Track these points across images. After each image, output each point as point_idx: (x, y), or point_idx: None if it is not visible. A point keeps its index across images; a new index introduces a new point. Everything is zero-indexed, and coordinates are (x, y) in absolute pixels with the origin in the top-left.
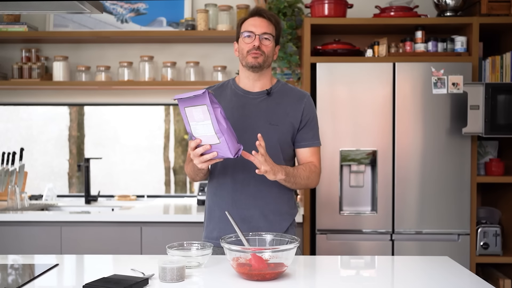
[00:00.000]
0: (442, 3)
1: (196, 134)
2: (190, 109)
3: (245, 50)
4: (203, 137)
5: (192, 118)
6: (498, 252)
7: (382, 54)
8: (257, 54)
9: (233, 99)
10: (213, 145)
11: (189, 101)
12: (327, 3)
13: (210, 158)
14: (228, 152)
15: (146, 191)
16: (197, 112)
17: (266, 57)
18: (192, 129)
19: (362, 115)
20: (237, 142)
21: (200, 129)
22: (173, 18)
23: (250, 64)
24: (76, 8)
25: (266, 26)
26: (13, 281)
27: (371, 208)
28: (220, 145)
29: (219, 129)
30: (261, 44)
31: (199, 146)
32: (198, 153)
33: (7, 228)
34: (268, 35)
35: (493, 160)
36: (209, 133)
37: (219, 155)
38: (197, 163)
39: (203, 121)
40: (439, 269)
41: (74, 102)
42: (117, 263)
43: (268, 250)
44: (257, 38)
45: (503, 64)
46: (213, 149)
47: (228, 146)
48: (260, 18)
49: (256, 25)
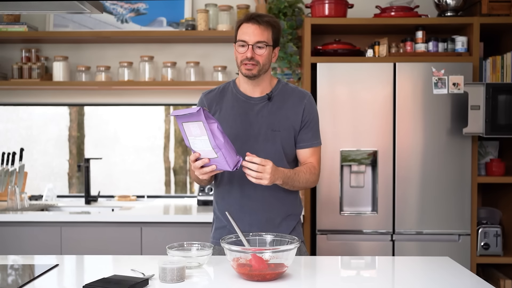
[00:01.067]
0: (442, 3)
1: (195, 148)
2: (187, 124)
3: (239, 59)
4: (201, 151)
5: (190, 133)
6: (499, 253)
7: (382, 54)
8: (251, 66)
9: (235, 104)
10: (211, 159)
11: (186, 117)
12: (328, 3)
13: (209, 171)
14: (226, 166)
15: (146, 192)
16: (194, 127)
17: (262, 66)
18: (191, 143)
19: (362, 115)
20: (236, 154)
21: (198, 143)
22: (173, 18)
23: (245, 74)
24: (76, 8)
25: (260, 34)
26: (13, 281)
27: (372, 209)
28: (218, 159)
29: (215, 144)
30: (254, 54)
31: (199, 159)
32: (197, 166)
33: (7, 229)
34: (261, 43)
35: (494, 160)
36: (206, 148)
37: (218, 167)
38: (198, 174)
39: (200, 136)
40: (439, 269)
41: (74, 102)
42: (117, 263)
43: (269, 251)
44: (250, 48)
45: (503, 64)
46: (212, 163)
47: (226, 160)
48: (254, 25)
49: (249, 33)
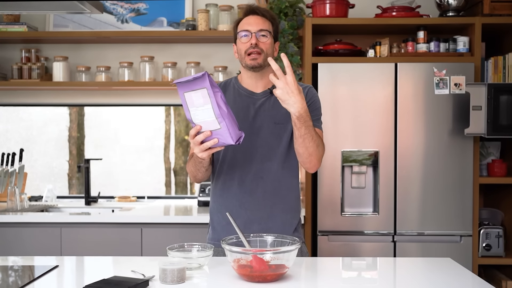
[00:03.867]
0: (444, 3)
1: (196, 121)
2: (189, 94)
3: (243, 50)
4: (203, 123)
5: (192, 104)
6: (501, 254)
7: (384, 54)
8: (256, 55)
9: (237, 99)
10: (213, 131)
11: (189, 85)
12: (329, 3)
13: (211, 145)
14: (229, 138)
15: (147, 192)
16: (196, 96)
17: (266, 55)
18: (192, 115)
19: (363, 115)
20: (239, 129)
21: (200, 114)
22: (174, 18)
23: (250, 65)
24: (76, 8)
25: (262, 23)
26: (12, 282)
27: (373, 209)
28: (221, 131)
29: (219, 113)
30: (258, 41)
31: (200, 133)
32: (198, 141)
33: (7, 229)
34: (264, 31)
35: (496, 161)
36: (209, 118)
37: (220, 141)
38: (198, 152)
39: (203, 105)
40: (441, 271)
41: (74, 103)
42: (117, 264)
43: (269, 252)
44: (253, 36)
45: (505, 65)
46: (213, 136)
47: (229, 131)
48: (254, 16)
49: (251, 23)
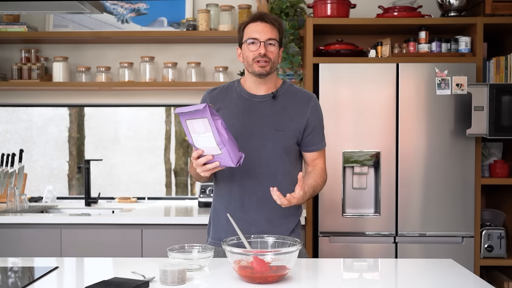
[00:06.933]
0: (446, 3)
1: (198, 145)
2: (191, 121)
3: (250, 58)
4: (205, 148)
5: (194, 130)
6: (503, 255)
7: (385, 54)
8: (264, 63)
9: (238, 102)
10: (215, 155)
11: (190, 114)
12: (330, 3)
13: (213, 167)
14: (230, 162)
15: (147, 193)
16: (198, 124)
17: (273, 63)
18: (194, 140)
19: (365, 116)
20: (239, 150)
21: (201, 140)
22: (174, 18)
23: (258, 72)
24: (76, 8)
25: (270, 32)
26: (12, 284)
27: (374, 210)
28: (222, 155)
29: (220, 140)
30: (266, 51)
31: (202, 156)
32: (200, 163)
33: (7, 231)
34: (272, 40)
35: (498, 161)
36: (211, 145)
37: (222, 164)
38: (200, 172)
39: (204, 133)
40: (443, 272)
41: (74, 103)
42: (118, 266)
43: (270, 253)
44: (262, 45)
45: (507, 65)
46: (215, 159)
47: (230, 156)
48: (263, 23)
49: (260, 31)
